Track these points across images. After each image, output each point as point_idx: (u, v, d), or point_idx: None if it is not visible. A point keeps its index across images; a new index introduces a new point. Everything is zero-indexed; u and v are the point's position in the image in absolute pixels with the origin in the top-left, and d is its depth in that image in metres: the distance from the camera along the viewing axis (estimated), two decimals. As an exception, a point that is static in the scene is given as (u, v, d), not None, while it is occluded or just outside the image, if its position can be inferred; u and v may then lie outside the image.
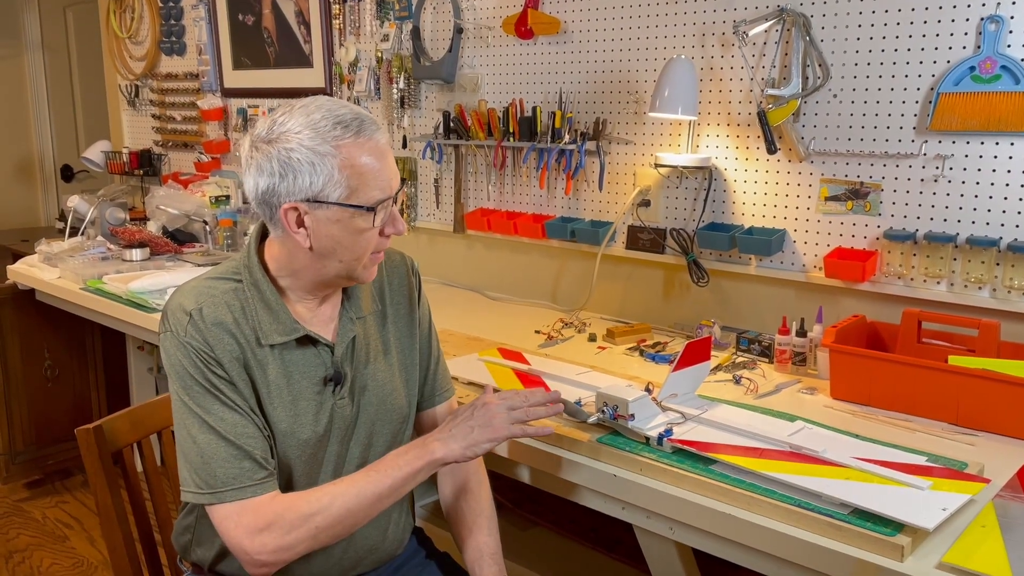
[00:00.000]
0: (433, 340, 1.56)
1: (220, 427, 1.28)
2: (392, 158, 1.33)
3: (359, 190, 1.27)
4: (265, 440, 1.31)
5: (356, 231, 1.30)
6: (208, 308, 1.31)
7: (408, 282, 1.52)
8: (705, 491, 1.37)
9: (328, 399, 1.37)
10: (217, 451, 1.27)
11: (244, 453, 1.27)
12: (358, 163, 1.27)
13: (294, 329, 1.34)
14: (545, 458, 1.57)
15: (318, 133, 1.26)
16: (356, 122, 1.28)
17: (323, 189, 1.26)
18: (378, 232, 1.32)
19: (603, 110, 2.41)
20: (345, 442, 1.40)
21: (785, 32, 2.02)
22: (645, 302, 2.40)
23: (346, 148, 1.26)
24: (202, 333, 1.29)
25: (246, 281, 1.35)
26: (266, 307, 1.34)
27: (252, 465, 1.28)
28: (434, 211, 2.92)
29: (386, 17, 2.94)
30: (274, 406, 1.33)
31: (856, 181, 1.97)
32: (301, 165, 1.25)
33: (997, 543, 1.18)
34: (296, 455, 1.35)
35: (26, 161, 5.40)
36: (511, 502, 2.35)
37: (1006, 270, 1.78)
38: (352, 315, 1.41)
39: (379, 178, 1.29)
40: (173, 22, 3.94)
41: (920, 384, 1.63)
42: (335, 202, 1.27)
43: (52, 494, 3.41)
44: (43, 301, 3.16)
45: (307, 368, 1.36)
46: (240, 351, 1.31)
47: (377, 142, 1.29)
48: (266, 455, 1.30)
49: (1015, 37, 1.73)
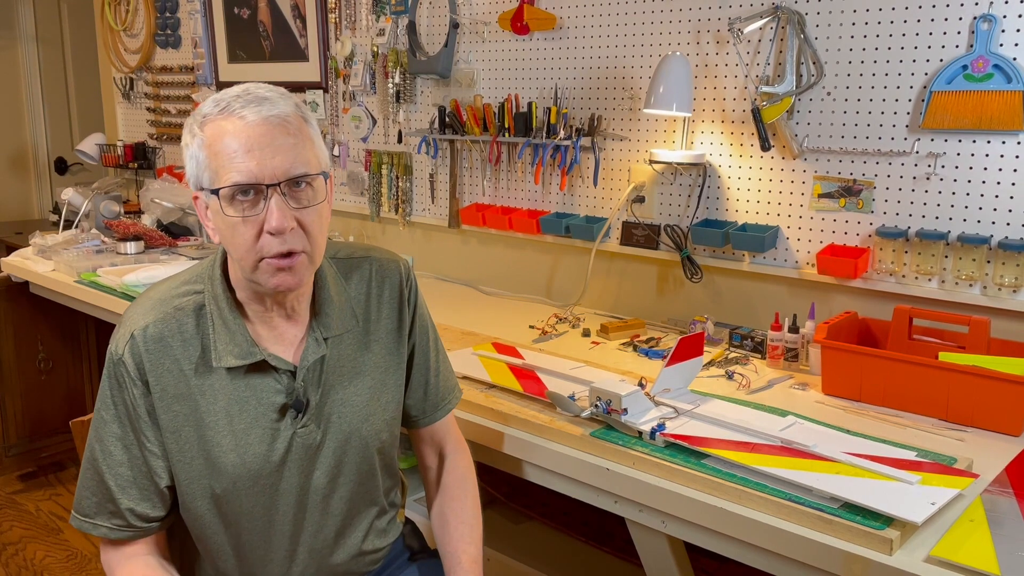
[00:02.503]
0: (431, 352, 1.46)
1: (104, 461, 1.24)
2: (277, 141, 1.13)
3: (218, 172, 1.13)
4: (148, 491, 1.24)
5: (228, 223, 1.15)
6: (155, 327, 1.22)
7: (400, 294, 1.38)
8: (697, 485, 1.38)
9: (287, 427, 1.25)
10: (88, 481, 1.26)
11: (110, 497, 1.24)
12: (216, 143, 1.13)
13: (250, 353, 1.22)
14: (538, 452, 1.58)
15: (194, 115, 1.17)
16: (233, 99, 1.14)
17: (199, 173, 1.16)
18: (252, 228, 1.14)
19: (598, 106, 2.41)
20: (307, 472, 1.28)
21: (780, 30, 2.03)
22: (639, 298, 2.41)
23: (208, 127, 1.14)
24: (138, 354, 1.21)
25: (207, 294, 1.25)
26: (224, 324, 1.23)
27: (114, 509, 1.24)
28: (429, 206, 2.93)
29: (382, 11, 2.94)
30: (221, 434, 1.23)
31: (849, 178, 1.98)
32: (186, 150, 1.18)
33: (985, 537, 1.20)
34: (247, 486, 1.25)
35: (20, 153, 5.39)
36: (504, 496, 2.36)
37: (997, 267, 1.79)
38: (319, 335, 1.28)
39: (234, 158, 1.11)
40: (168, 15, 3.93)
41: (911, 380, 1.64)
42: (204, 187, 1.16)
43: (46, 486, 3.41)
44: (37, 294, 3.16)
45: (263, 394, 1.24)
46: (182, 373, 1.22)
47: (244, 119, 1.12)
48: (137, 507, 1.24)
49: (1007, 36, 1.74)
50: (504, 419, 1.65)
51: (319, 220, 1.19)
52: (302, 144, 1.16)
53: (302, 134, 1.17)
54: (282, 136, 1.14)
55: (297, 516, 1.31)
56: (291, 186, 1.15)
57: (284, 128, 1.15)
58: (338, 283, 1.34)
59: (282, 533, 1.31)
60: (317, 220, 1.19)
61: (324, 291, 1.30)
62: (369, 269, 1.37)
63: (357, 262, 1.37)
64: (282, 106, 1.16)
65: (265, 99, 1.15)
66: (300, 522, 1.31)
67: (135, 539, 1.27)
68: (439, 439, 1.51)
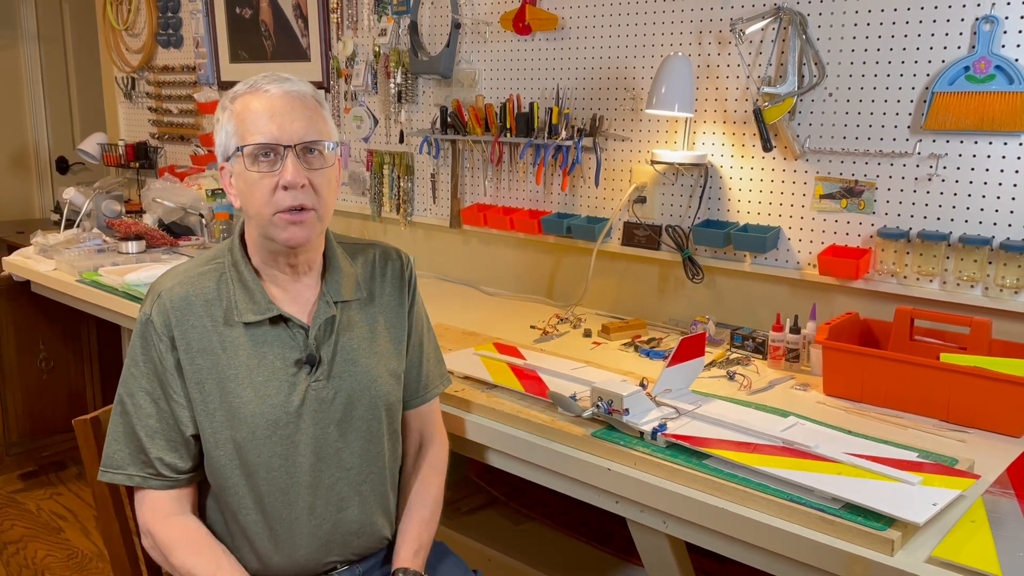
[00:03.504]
0: (426, 337, 1.57)
1: (135, 414, 1.35)
2: (296, 111, 1.32)
3: (244, 135, 1.32)
4: (176, 442, 1.36)
5: (249, 180, 1.32)
6: (180, 287, 1.36)
7: (401, 276, 1.52)
8: (698, 485, 1.38)
9: (302, 380, 1.37)
10: (118, 434, 1.36)
11: (141, 447, 1.35)
12: (244, 112, 1.32)
13: (268, 309, 1.36)
14: (539, 451, 1.58)
15: (226, 95, 1.37)
16: (260, 79, 1.34)
17: (227, 143, 1.35)
18: (269, 184, 1.31)
19: (600, 107, 2.42)
20: (322, 424, 1.39)
21: (782, 30, 2.03)
22: (640, 298, 2.41)
23: (238, 101, 1.34)
24: (165, 312, 1.34)
25: (227, 262, 1.40)
26: (243, 286, 1.37)
27: (145, 459, 1.35)
28: (431, 206, 2.93)
29: (384, 12, 2.94)
30: (242, 385, 1.34)
31: (851, 179, 1.98)
32: (217, 125, 1.37)
33: (986, 538, 1.20)
34: (266, 435, 1.35)
35: (21, 152, 5.39)
36: (504, 496, 2.36)
37: (998, 269, 1.79)
38: (330, 299, 1.41)
39: (258, 122, 1.31)
40: (170, 14, 3.93)
41: (912, 381, 1.64)
42: (230, 153, 1.34)
43: (47, 486, 3.41)
44: (38, 293, 3.16)
45: (280, 348, 1.37)
46: (205, 329, 1.34)
47: (269, 93, 1.32)
48: (166, 457, 1.35)
49: (1009, 37, 1.74)
50: (506, 419, 1.65)
51: (328, 183, 1.36)
52: (317, 116, 1.35)
53: (317, 109, 1.36)
54: (300, 108, 1.33)
55: (315, 467, 1.39)
56: (305, 151, 1.33)
57: (302, 102, 1.34)
58: (345, 259, 1.48)
59: (300, 483, 1.38)
60: (326, 182, 1.35)
61: (334, 260, 1.45)
62: (373, 253, 1.52)
63: (362, 247, 1.53)
64: (301, 86, 1.36)
65: (287, 79, 1.35)
66: (318, 473, 1.39)
67: (165, 488, 1.37)
68: (422, 425, 1.58)
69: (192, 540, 1.36)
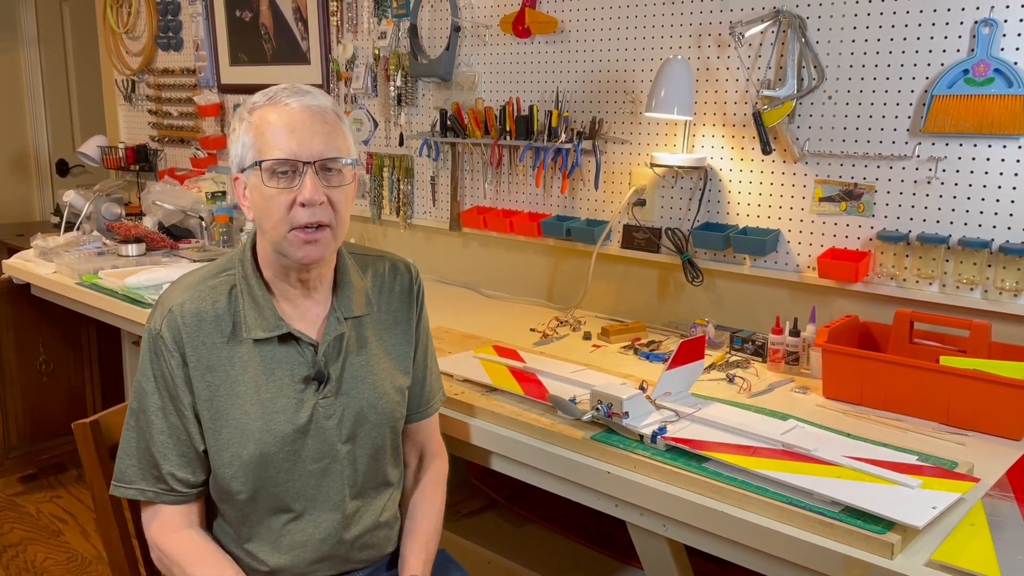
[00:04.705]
0: (429, 352, 1.57)
1: (147, 430, 1.34)
2: (315, 127, 1.29)
3: (262, 150, 1.29)
4: (188, 457, 1.35)
5: (265, 195, 1.29)
6: (191, 303, 1.34)
7: (410, 290, 1.51)
8: (698, 489, 1.38)
9: (309, 396, 1.36)
10: (130, 449, 1.36)
11: (153, 463, 1.35)
12: (263, 125, 1.30)
13: (277, 326, 1.35)
14: (539, 455, 1.58)
15: (244, 105, 1.34)
16: (280, 91, 1.31)
17: (243, 154, 1.32)
18: (286, 200, 1.28)
19: (599, 109, 2.42)
20: (328, 440, 1.38)
21: (781, 34, 2.03)
22: (640, 301, 2.41)
23: (258, 112, 1.31)
24: (176, 328, 1.32)
25: (238, 275, 1.38)
26: (253, 302, 1.35)
27: (157, 474, 1.35)
28: (430, 209, 2.93)
29: (384, 15, 2.94)
30: (249, 402, 1.34)
31: (850, 182, 1.98)
32: (233, 135, 1.34)
33: (986, 541, 1.20)
34: (273, 451, 1.34)
35: (21, 155, 5.39)
36: (504, 499, 2.36)
37: (997, 271, 1.79)
38: (341, 315, 1.40)
39: (278, 136, 1.28)
40: (170, 17, 3.94)
41: (911, 384, 1.64)
42: (247, 166, 1.32)
43: (46, 488, 3.41)
44: (38, 296, 3.16)
45: (288, 365, 1.36)
46: (215, 346, 1.33)
47: (288, 107, 1.29)
48: (178, 472, 1.35)
49: (1008, 40, 1.74)
50: (505, 423, 1.65)
51: (345, 200, 1.34)
52: (336, 132, 1.33)
53: (337, 125, 1.33)
54: (320, 123, 1.30)
55: (321, 483, 1.39)
56: (324, 167, 1.30)
57: (322, 117, 1.31)
58: (356, 272, 1.46)
59: (306, 498, 1.38)
60: (343, 200, 1.34)
61: (345, 275, 1.44)
62: (383, 266, 1.51)
63: (373, 260, 1.51)
64: (322, 99, 1.33)
65: (308, 92, 1.32)
66: (324, 489, 1.39)
67: (176, 503, 1.37)
68: (422, 440, 1.59)
69: (200, 553, 1.36)
